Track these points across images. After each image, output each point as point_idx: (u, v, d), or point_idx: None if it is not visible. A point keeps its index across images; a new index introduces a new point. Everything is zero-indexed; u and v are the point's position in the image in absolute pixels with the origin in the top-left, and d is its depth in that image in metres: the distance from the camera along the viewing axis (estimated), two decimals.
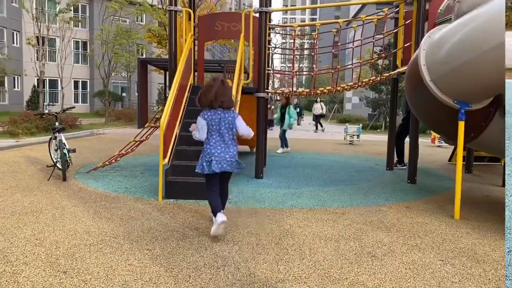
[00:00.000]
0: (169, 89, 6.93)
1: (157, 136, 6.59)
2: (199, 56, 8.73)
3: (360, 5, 37.26)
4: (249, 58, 7.59)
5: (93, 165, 7.89)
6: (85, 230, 4.07)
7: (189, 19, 7.75)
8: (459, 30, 4.42)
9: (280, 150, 11.03)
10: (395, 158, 8.63)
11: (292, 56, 7.90)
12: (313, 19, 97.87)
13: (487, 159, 8.90)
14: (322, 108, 22.64)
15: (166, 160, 5.74)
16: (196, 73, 8.99)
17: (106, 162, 7.47)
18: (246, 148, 10.96)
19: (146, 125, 7.61)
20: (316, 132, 21.32)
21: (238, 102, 6.58)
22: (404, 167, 8.53)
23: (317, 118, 22.47)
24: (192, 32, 7.70)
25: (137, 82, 20.93)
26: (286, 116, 10.95)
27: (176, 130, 6.30)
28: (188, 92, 7.15)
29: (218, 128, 4.04)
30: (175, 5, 7.19)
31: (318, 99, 22.68)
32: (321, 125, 22.39)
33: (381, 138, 17.44)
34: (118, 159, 7.64)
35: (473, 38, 4.18)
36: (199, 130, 4.13)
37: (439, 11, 6.50)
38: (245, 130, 4.12)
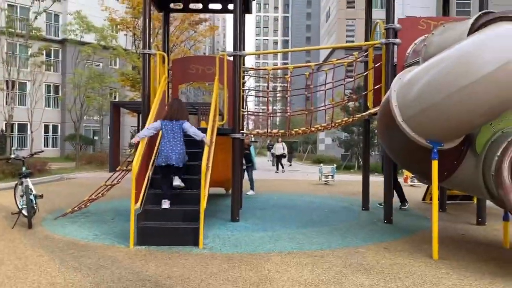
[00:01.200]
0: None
1: (129, 180, 6.40)
2: (174, 96, 8.70)
3: (330, 50, 38.72)
4: (224, 100, 7.61)
5: (61, 211, 7.55)
6: (50, 282, 3.79)
7: (163, 62, 7.77)
8: (428, 72, 4.57)
9: (250, 192, 10.86)
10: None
11: (265, 98, 7.98)
12: (285, 63, 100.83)
13: (459, 197, 9.04)
14: (283, 149, 22.47)
15: (138, 204, 5.57)
16: None
17: (75, 208, 7.17)
18: (221, 190, 10.78)
19: (117, 168, 7.41)
20: (277, 172, 21.11)
21: (214, 143, 6.51)
22: (405, 207, 8.56)
23: (278, 159, 22.22)
24: (166, 75, 7.71)
25: (109, 125, 20.66)
26: (252, 157, 10.93)
27: (149, 173, 6.14)
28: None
29: (169, 133, 5.84)
30: (149, 48, 7.22)
31: (279, 139, 22.30)
32: (282, 166, 22.09)
33: (355, 178, 17.60)
34: (88, 204, 7.35)
35: (441, 80, 4.32)
36: (146, 129, 5.90)
37: (407, 54, 6.76)
38: (192, 131, 5.87)
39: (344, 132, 26.10)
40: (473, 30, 5.22)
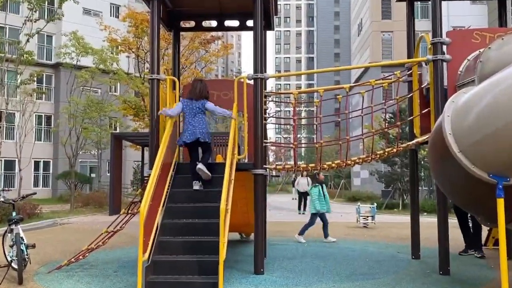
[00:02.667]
0: (149, 168, 6.92)
1: (134, 225, 6.43)
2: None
3: (363, 69, 38.93)
4: (243, 130, 7.68)
5: (56, 263, 7.59)
6: None
7: (174, 88, 7.93)
8: (488, 93, 4.54)
9: (330, 239, 10.79)
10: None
11: (290, 126, 8.01)
12: (310, 85, 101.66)
13: None
14: (308, 184, 20.83)
15: (146, 255, 5.57)
16: (181, 148, 9.03)
17: (72, 259, 7.20)
18: (235, 236, 10.71)
19: (121, 212, 7.46)
20: (301, 213, 20.63)
21: (233, 181, 6.53)
22: (479, 255, 8.35)
23: (303, 196, 21.35)
24: (177, 102, 7.85)
25: (109, 161, 20.99)
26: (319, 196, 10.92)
27: (158, 218, 6.17)
28: (173, 171, 7.12)
29: (191, 111, 6.99)
30: (158, 72, 7.40)
31: (304, 173, 21.01)
32: (305, 206, 21.16)
33: (400, 220, 17.27)
34: (87, 254, 7.38)
35: (504, 102, 4.28)
36: (172, 109, 7.20)
37: (458, 72, 6.75)
38: (218, 110, 7.18)
39: (384, 163, 25.84)
40: None
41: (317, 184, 11.17)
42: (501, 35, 6.51)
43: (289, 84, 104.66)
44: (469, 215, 8.53)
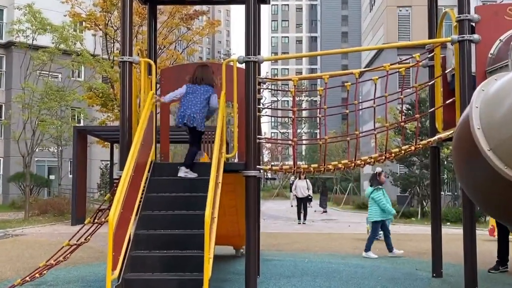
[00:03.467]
0: (120, 169, 6.89)
1: (102, 237, 6.41)
2: (163, 122, 8.81)
3: (376, 51, 39.00)
4: (233, 124, 7.70)
5: (7, 282, 7.58)
6: None
7: (149, 73, 7.90)
8: None
9: (397, 252, 10.94)
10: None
11: (288, 119, 8.01)
12: (312, 70, 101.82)
13: None
14: (308, 188, 21.26)
15: (116, 272, 5.56)
16: (158, 145, 8.99)
17: (27, 278, 7.16)
18: (228, 249, 10.73)
19: (86, 222, 7.45)
20: (301, 223, 20.68)
21: (220, 185, 6.52)
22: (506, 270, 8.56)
23: (302, 203, 21.22)
24: (153, 90, 7.83)
25: (72, 160, 20.90)
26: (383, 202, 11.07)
27: (131, 228, 6.16)
28: (149, 173, 7.10)
29: (193, 94, 7.43)
30: (130, 54, 7.36)
31: (302, 175, 20.79)
32: (305, 214, 21.21)
33: (419, 230, 17.37)
34: (45, 272, 7.34)
35: None
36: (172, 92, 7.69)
37: (489, 55, 6.78)
38: (215, 103, 7.47)
39: (400, 164, 25.94)
40: None
41: (379, 186, 11.19)
42: None
43: (288, 69, 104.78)
44: None
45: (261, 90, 7.97)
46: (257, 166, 7.21)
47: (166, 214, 6.64)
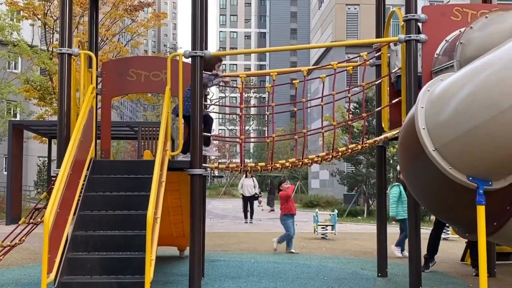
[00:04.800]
0: (57, 166, 6.71)
1: (37, 238, 6.22)
2: (104, 117, 8.63)
3: (324, 49, 39.53)
4: (178, 120, 7.60)
5: None
6: None
7: (90, 66, 7.73)
8: (468, 82, 4.68)
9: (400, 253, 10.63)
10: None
11: (236, 116, 7.99)
12: (261, 66, 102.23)
13: None
14: (255, 187, 21.24)
15: (52, 275, 5.44)
16: (99, 141, 8.81)
17: None
18: (172, 250, 10.62)
19: (20, 221, 7.24)
20: (248, 222, 20.73)
21: (163, 184, 6.44)
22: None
23: (249, 201, 21.15)
24: (94, 84, 7.65)
25: (7, 156, 20.24)
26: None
27: (68, 229, 6.02)
28: (88, 171, 6.94)
29: None
30: (69, 46, 7.18)
31: (249, 174, 20.74)
32: (252, 213, 21.11)
33: (365, 229, 17.68)
34: None
35: (488, 92, 4.43)
36: None
37: (435, 55, 6.94)
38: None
39: (347, 162, 26.38)
40: None
41: (397, 183, 11.10)
42: (485, 13, 6.74)
43: (236, 64, 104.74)
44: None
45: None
46: (203, 164, 7.16)
47: (106, 214, 6.51)
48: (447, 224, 9.87)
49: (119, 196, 6.74)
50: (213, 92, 43.55)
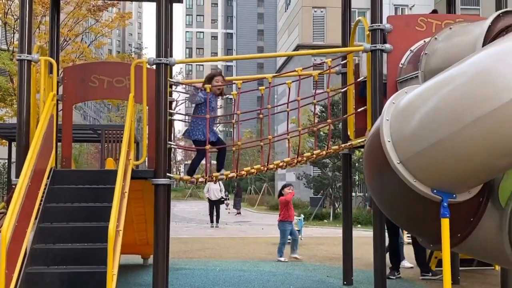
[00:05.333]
0: (16, 176, 6.53)
1: None
2: (65, 122, 8.44)
3: (291, 50, 39.64)
4: (143, 124, 7.50)
5: None
6: None
7: (51, 72, 7.57)
8: (432, 95, 4.71)
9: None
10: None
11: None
12: (228, 67, 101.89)
13: (475, 262, 9.34)
14: (221, 190, 21.37)
15: None
16: (59, 150, 8.63)
17: None
18: (136, 258, 10.47)
19: None
20: (214, 226, 20.73)
21: (126, 195, 6.33)
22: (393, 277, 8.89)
23: (215, 205, 21.19)
24: (54, 91, 7.49)
25: None
26: None
27: (27, 242, 5.84)
28: (48, 179, 6.77)
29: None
30: (29, 52, 7.01)
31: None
32: (218, 217, 21.12)
33: (331, 233, 17.80)
34: None
35: (451, 106, 4.46)
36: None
37: (400, 65, 7.00)
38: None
39: (313, 166, 26.50)
40: (490, 35, 5.52)
41: None
42: (450, 24, 6.84)
43: (203, 65, 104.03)
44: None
45: (172, 93, 7.85)
46: (167, 174, 7.07)
47: (66, 226, 6.33)
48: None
49: (80, 207, 6.57)
50: (177, 101, 43.08)
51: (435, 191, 4.80)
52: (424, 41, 6.85)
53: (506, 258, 5.06)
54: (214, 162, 8.12)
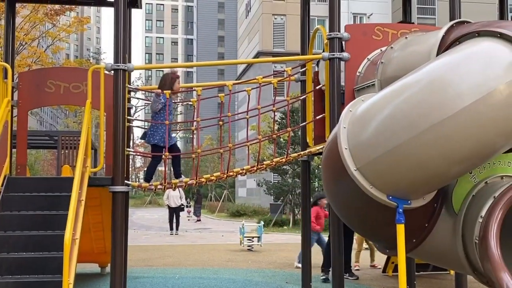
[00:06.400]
0: None
1: None
2: (20, 128, 8.27)
3: (251, 58, 39.79)
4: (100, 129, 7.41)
5: None
6: None
7: (5, 77, 7.41)
8: (388, 103, 4.80)
9: None
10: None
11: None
12: (188, 73, 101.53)
13: (431, 267, 9.53)
14: (181, 197, 21.36)
15: None
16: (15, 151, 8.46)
17: None
18: (93, 266, 10.32)
19: None
20: (174, 234, 20.67)
21: (83, 203, 6.24)
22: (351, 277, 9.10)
23: (175, 212, 21.11)
24: (9, 96, 7.33)
25: None
26: None
27: None
28: (2, 187, 6.62)
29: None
30: None
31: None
32: (178, 224, 21.08)
33: (290, 239, 17.89)
34: None
35: (406, 114, 4.56)
36: None
37: (357, 73, 7.11)
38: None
39: (273, 172, 26.60)
40: (444, 45, 5.66)
41: None
42: (405, 33, 6.98)
43: (162, 71, 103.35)
44: None
45: (131, 99, 7.79)
46: (126, 182, 6.99)
47: (21, 234, 6.20)
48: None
49: (35, 216, 6.45)
50: (136, 108, 42.69)
51: (390, 197, 4.88)
52: (381, 50, 6.97)
53: (460, 263, 5.17)
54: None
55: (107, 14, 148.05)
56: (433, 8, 39.33)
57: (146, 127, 8.16)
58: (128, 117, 7.50)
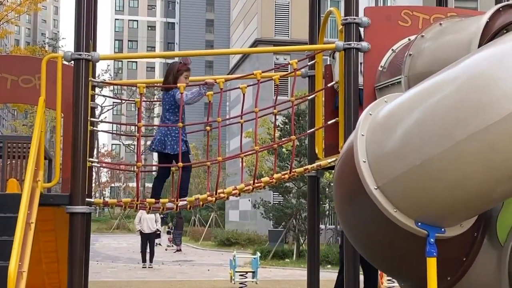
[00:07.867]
0: None
1: None
2: None
3: (248, 47, 39.79)
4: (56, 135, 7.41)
5: None
6: None
7: None
8: (418, 105, 4.79)
9: None
10: None
11: (135, 129, 7.83)
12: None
13: None
14: (156, 221, 21.78)
15: None
16: None
17: None
18: None
19: None
20: (147, 267, 20.83)
21: (33, 226, 6.22)
22: None
23: (148, 240, 21.44)
24: None
25: None
26: None
27: None
28: None
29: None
30: None
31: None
32: (152, 254, 21.41)
33: (294, 275, 17.85)
34: None
35: (440, 119, 4.54)
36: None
37: (379, 68, 7.10)
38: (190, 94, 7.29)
39: (273, 191, 26.55)
40: (488, 34, 5.66)
41: None
42: (440, 19, 6.99)
43: (136, 62, 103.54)
44: None
45: (95, 97, 7.78)
46: (87, 199, 6.97)
47: None
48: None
49: None
50: (101, 108, 42.70)
51: (419, 224, 4.85)
52: (409, 39, 6.97)
53: None
54: (147, 184, 8.09)
55: None
56: None
57: (115, 131, 8.15)
58: (92, 119, 7.49)
